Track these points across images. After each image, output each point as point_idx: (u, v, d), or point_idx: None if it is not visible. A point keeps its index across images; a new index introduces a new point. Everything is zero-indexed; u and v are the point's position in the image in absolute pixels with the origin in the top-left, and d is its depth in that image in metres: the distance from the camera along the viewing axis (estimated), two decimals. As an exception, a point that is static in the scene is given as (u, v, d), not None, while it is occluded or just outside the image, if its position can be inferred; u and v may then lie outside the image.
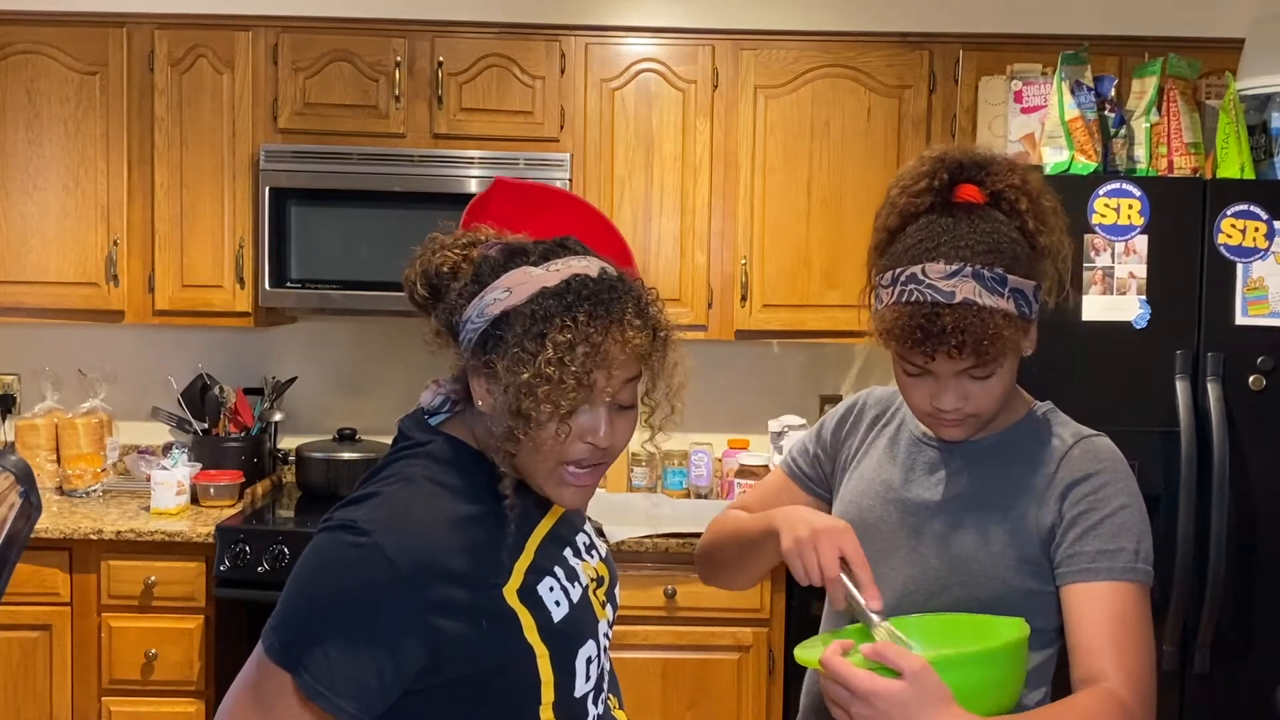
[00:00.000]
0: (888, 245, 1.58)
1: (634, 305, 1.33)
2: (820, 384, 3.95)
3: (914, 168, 1.59)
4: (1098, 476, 1.54)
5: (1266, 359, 2.86)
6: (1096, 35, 3.36)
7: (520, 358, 1.28)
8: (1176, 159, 2.99)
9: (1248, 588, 2.88)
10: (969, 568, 1.56)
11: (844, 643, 1.38)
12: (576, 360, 1.27)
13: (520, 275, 1.33)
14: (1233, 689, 2.88)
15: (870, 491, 1.68)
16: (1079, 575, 1.51)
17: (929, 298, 1.48)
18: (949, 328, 1.46)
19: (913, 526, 1.61)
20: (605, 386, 1.32)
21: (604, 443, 1.35)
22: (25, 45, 3.48)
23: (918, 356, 1.51)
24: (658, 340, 1.37)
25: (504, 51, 3.50)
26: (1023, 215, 1.54)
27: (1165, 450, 2.82)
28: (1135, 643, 1.47)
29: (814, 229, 3.54)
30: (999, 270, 1.48)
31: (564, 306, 1.29)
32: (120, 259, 3.51)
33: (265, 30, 3.49)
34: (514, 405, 1.28)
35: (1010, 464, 1.59)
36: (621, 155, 3.53)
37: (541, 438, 1.31)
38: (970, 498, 1.59)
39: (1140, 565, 1.51)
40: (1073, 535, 1.52)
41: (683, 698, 3.28)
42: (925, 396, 1.56)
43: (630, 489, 3.80)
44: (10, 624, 3.22)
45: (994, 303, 1.47)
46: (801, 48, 3.52)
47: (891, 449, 1.70)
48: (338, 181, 3.40)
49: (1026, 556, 1.54)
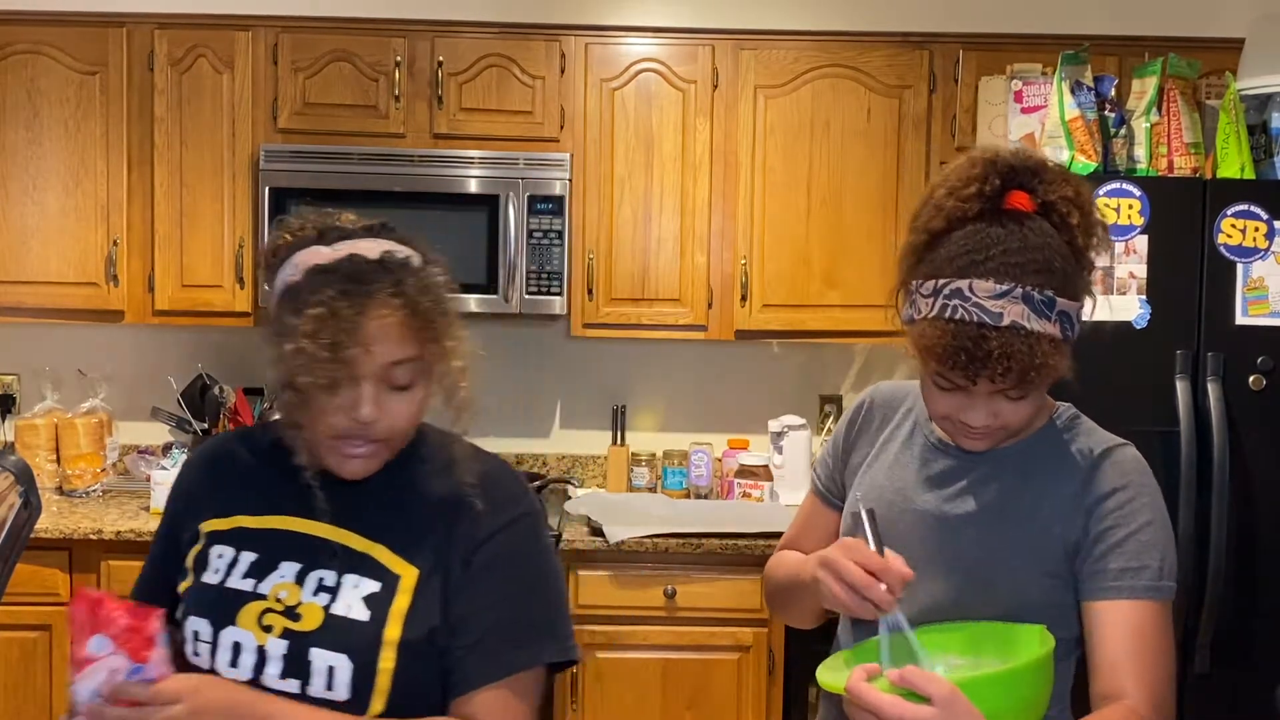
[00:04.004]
0: (928, 249, 1.49)
1: (393, 286, 1.36)
2: (820, 384, 3.95)
3: (963, 169, 1.50)
4: (1124, 492, 1.51)
5: (1266, 359, 2.86)
6: (1096, 35, 3.36)
7: (283, 330, 1.36)
8: (1177, 159, 2.99)
9: (1248, 588, 2.88)
10: (990, 582, 1.52)
11: (869, 667, 1.34)
12: (327, 334, 1.32)
13: (309, 254, 1.40)
14: (1233, 689, 2.87)
15: (883, 499, 1.61)
16: (1102, 593, 1.49)
17: (975, 317, 1.41)
18: (995, 353, 1.39)
19: (929, 538, 1.56)
20: (366, 362, 1.35)
21: (366, 418, 1.37)
22: (25, 45, 3.48)
23: (958, 377, 1.45)
24: (426, 323, 1.38)
25: (504, 51, 3.50)
26: (1073, 230, 1.47)
27: (1165, 450, 2.82)
28: (1156, 660, 1.47)
29: (814, 229, 3.54)
30: (1049, 292, 1.42)
31: (322, 283, 1.35)
32: (120, 259, 3.51)
33: (265, 30, 3.49)
34: (283, 377, 1.36)
35: (1032, 474, 1.55)
36: (621, 155, 3.53)
37: (311, 411, 1.37)
38: (991, 510, 1.55)
39: (1164, 583, 1.49)
40: (1097, 552, 1.50)
41: (683, 698, 3.28)
42: (953, 408, 1.50)
43: (630, 489, 3.80)
44: (10, 624, 3.22)
45: (1041, 327, 1.41)
46: (801, 48, 3.52)
47: (905, 453, 1.65)
48: (338, 181, 3.40)
49: (1050, 571, 1.52)
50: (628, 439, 3.86)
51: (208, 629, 1.42)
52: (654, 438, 3.92)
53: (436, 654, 1.41)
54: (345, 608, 1.40)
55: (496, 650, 1.42)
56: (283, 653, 1.39)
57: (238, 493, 1.51)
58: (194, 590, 1.47)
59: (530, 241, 3.43)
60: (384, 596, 1.40)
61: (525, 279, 3.43)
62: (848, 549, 1.45)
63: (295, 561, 1.44)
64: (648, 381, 3.93)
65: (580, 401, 3.93)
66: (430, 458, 1.48)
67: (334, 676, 1.38)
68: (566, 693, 3.27)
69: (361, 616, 1.39)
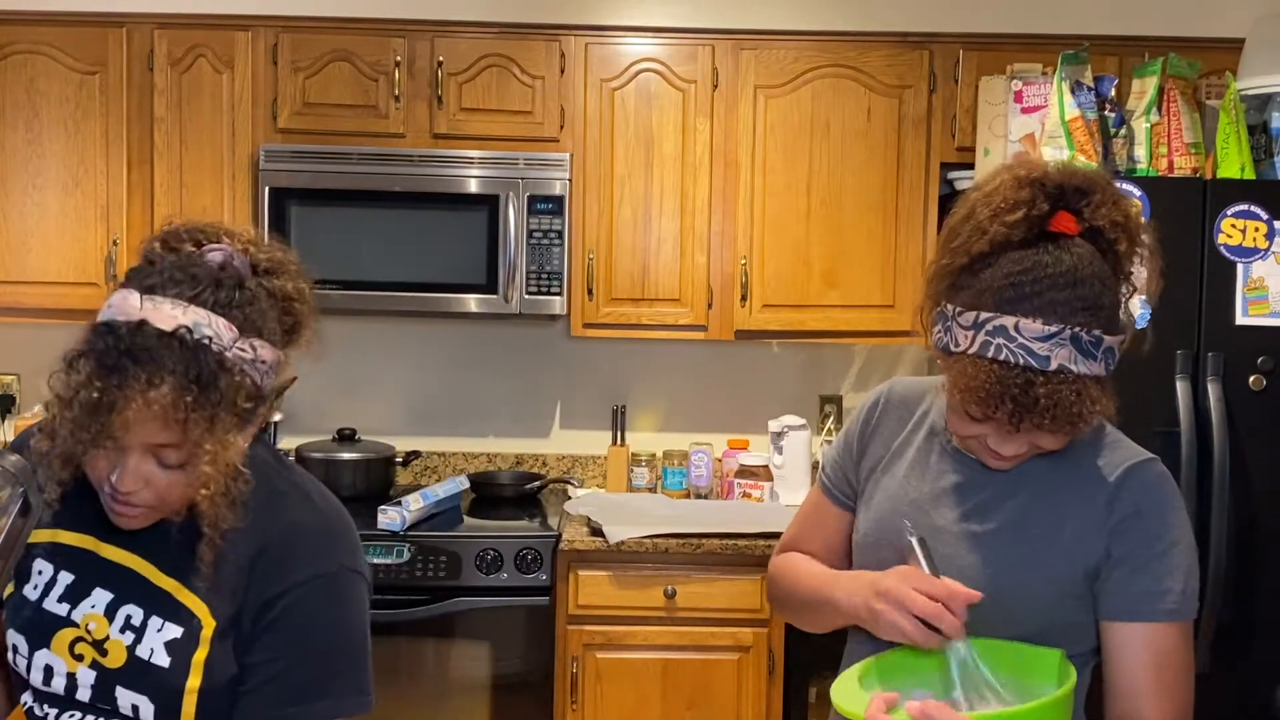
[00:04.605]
0: (966, 272, 1.42)
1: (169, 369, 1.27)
2: (820, 384, 3.95)
3: (1009, 189, 1.42)
4: (1149, 512, 1.48)
5: (1266, 359, 2.86)
6: (1096, 35, 3.36)
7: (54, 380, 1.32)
8: (1177, 159, 2.99)
9: (1248, 587, 2.88)
10: (1009, 601, 1.46)
11: (888, 697, 1.31)
12: (85, 403, 1.27)
13: (118, 296, 1.34)
14: (1233, 689, 2.87)
15: (898, 511, 1.56)
16: (1123, 614, 1.46)
17: (1021, 360, 1.35)
18: (1041, 401, 1.34)
19: (947, 555, 1.49)
20: (126, 438, 1.29)
21: (122, 488, 1.32)
22: (25, 45, 3.47)
23: (1001, 421, 1.39)
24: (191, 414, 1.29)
25: (504, 51, 3.50)
26: (1119, 256, 1.42)
27: (1165, 450, 2.77)
28: (1175, 685, 1.45)
29: (814, 229, 3.54)
30: (1096, 332, 1.37)
31: (96, 346, 1.29)
32: (120, 259, 3.50)
33: (265, 30, 3.49)
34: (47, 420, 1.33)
35: (1054, 491, 1.50)
36: (621, 155, 3.53)
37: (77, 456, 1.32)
38: (1011, 529, 1.50)
39: (1186, 605, 1.46)
40: (1120, 573, 1.46)
41: (683, 698, 3.28)
42: (983, 433, 1.44)
43: (630, 489, 3.80)
44: (10, 624, 3.22)
45: (1088, 369, 1.37)
46: (801, 48, 3.52)
47: (921, 461, 1.58)
48: (337, 181, 3.40)
49: (1071, 591, 1.48)
50: (628, 439, 3.86)
51: (24, 646, 1.44)
52: (654, 438, 3.92)
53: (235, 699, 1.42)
54: (148, 651, 1.40)
55: (269, 704, 1.41)
56: (91, 683, 1.41)
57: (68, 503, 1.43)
58: (14, 602, 1.46)
59: (530, 241, 3.43)
60: (185, 644, 1.40)
61: (525, 279, 3.43)
62: (906, 577, 1.41)
63: (107, 590, 1.43)
64: (648, 381, 3.93)
65: (580, 401, 3.93)
66: (253, 494, 1.42)
67: (139, 713, 1.40)
68: (566, 693, 3.27)
69: (163, 662, 1.39)
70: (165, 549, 1.42)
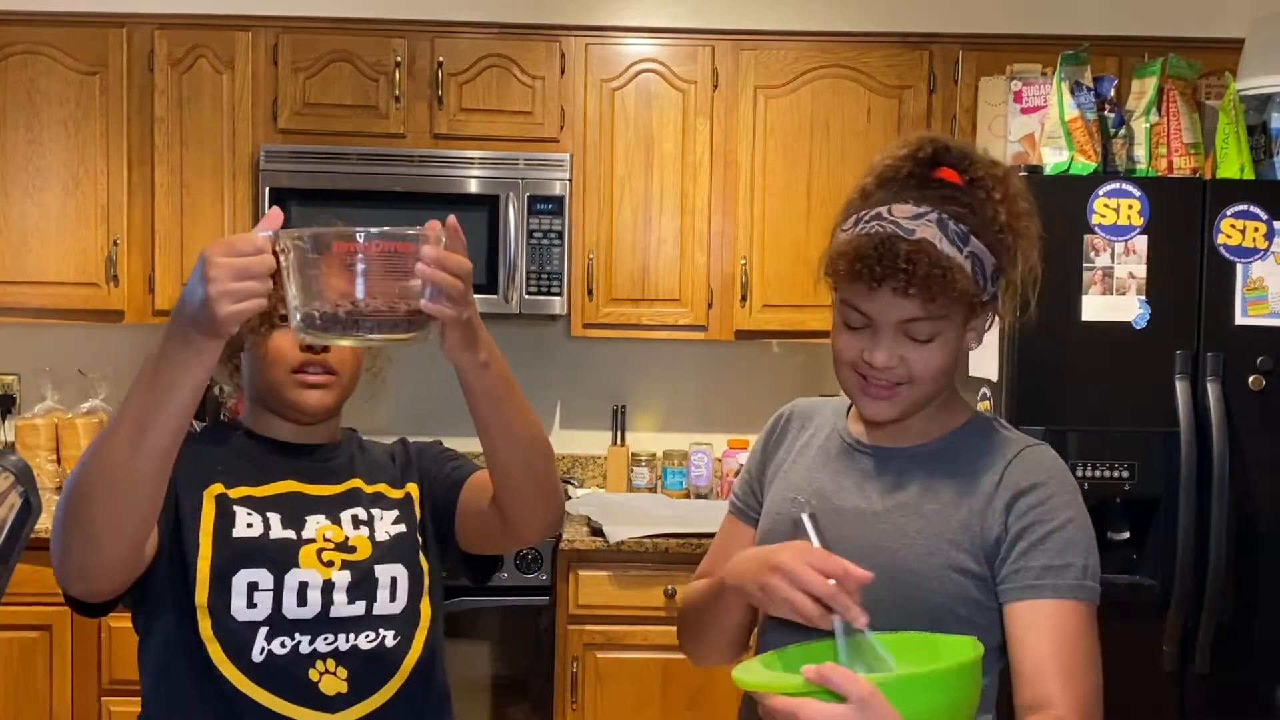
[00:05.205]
0: (856, 199, 1.53)
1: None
2: (820, 384, 3.94)
3: (899, 142, 1.53)
4: (1044, 488, 1.46)
5: (1266, 359, 2.86)
6: (1096, 35, 3.36)
7: None
8: (1176, 159, 2.98)
9: (1248, 588, 2.88)
10: (909, 580, 1.45)
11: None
12: None
13: None
14: (1233, 689, 2.87)
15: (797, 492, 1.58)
16: (1024, 592, 1.43)
17: (888, 230, 1.42)
18: (903, 254, 1.39)
19: (847, 537, 1.47)
20: None
21: None
22: (25, 45, 3.48)
23: (862, 288, 1.44)
24: None
25: (504, 51, 3.51)
26: (996, 204, 1.46)
27: (1165, 450, 2.82)
28: (1083, 666, 1.40)
29: (814, 229, 3.54)
30: (964, 227, 1.43)
31: None
32: (120, 259, 3.51)
33: (265, 30, 3.49)
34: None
35: (951, 472, 1.51)
36: (621, 155, 3.54)
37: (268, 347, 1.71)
38: (909, 507, 1.50)
39: (1089, 582, 1.43)
40: (1018, 550, 1.44)
41: (683, 698, 3.28)
42: (859, 349, 1.49)
43: (630, 489, 3.80)
44: (10, 624, 3.22)
45: (952, 252, 1.41)
46: (801, 48, 3.53)
47: (822, 457, 1.60)
48: (338, 182, 3.40)
49: (970, 570, 1.46)
50: (628, 439, 3.86)
51: (268, 577, 1.56)
52: (654, 438, 3.92)
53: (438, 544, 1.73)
54: (385, 533, 1.64)
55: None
56: (347, 583, 1.58)
57: (234, 466, 1.64)
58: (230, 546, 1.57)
59: (530, 242, 3.43)
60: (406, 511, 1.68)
61: (525, 279, 3.43)
62: (800, 552, 1.38)
63: (318, 512, 1.62)
64: (647, 381, 3.94)
65: (580, 401, 3.93)
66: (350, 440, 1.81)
67: (395, 588, 1.61)
68: (566, 693, 3.27)
69: (403, 529, 1.66)
70: (339, 473, 1.70)
